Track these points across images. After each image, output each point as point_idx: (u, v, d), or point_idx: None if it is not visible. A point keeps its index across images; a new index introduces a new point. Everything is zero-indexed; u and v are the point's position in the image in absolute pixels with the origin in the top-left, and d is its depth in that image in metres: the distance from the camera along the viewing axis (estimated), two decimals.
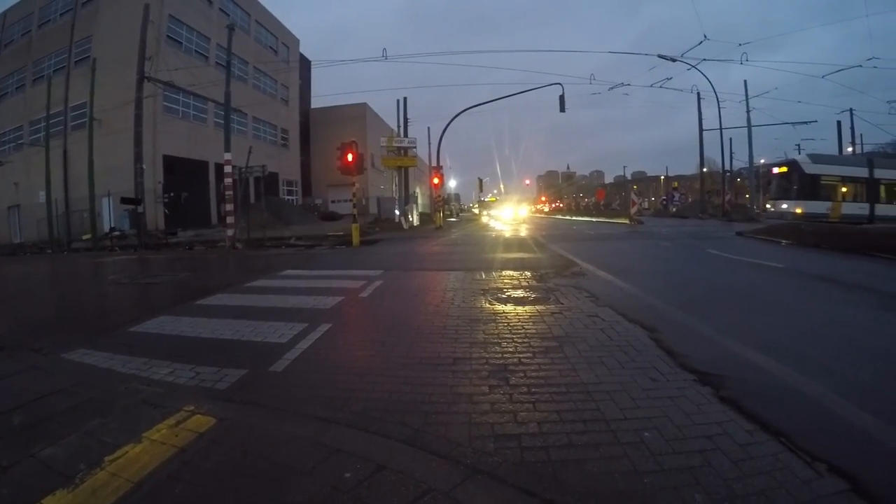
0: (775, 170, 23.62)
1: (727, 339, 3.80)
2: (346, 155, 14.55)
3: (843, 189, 21.90)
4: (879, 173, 21.79)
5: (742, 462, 1.99)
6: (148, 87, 18.04)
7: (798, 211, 20.91)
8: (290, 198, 37.64)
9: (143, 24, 17.52)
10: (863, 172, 21.98)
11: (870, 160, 22.86)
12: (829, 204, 21.14)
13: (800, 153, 27.90)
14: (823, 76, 23.00)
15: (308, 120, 44.12)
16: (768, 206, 24.72)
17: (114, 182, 20.11)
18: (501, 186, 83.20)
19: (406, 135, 27.82)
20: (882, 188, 22.03)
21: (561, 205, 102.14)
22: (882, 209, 21.34)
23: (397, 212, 27.41)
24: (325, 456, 2.06)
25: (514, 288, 6.23)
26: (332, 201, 42.07)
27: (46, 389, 2.92)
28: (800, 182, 21.33)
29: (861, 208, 21.52)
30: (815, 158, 22.37)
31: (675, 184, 57.90)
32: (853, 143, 33.50)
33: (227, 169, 16.39)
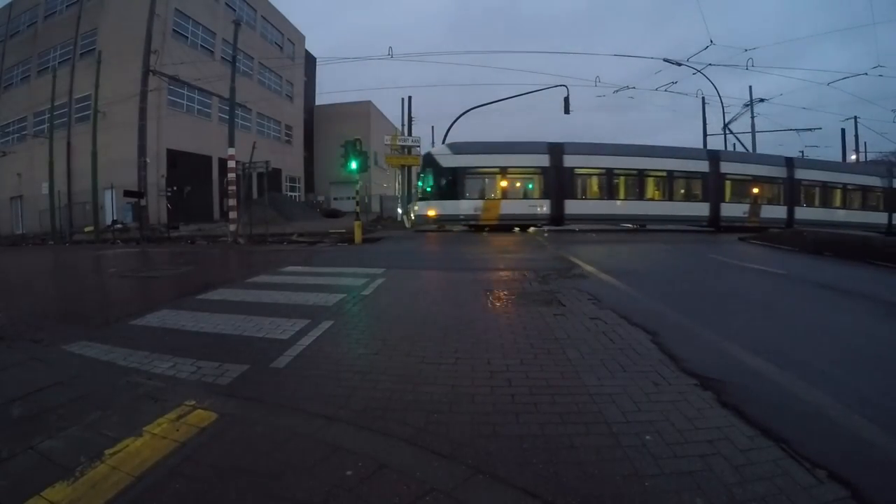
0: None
1: (729, 344, 3.79)
2: (350, 152, 14.56)
3: (503, 184, 18.35)
4: (571, 161, 18.28)
5: (743, 467, 1.99)
6: (153, 80, 18.10)
7: (430, 213, 17.69)
8: (292, 194, 37.62)
9: (149, 18, 17.58)
10: (541, 161, 18.19)
11: (553, 146, 18.69)
12: (478, 203, 17.93)
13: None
14: (829, 83, 22.91)
15: (312, 117, 44.11)
16: (416, 208, 20.32)
17: (117, 175, 20.14)
18: None
19: (410, 133, 27.80)
20: (579, 181, 18.91)
21: None
22: (574, 206, 18.46)
23: (400, 210, 27.40)
24: (326, 453, 2.06)
25: (516, 289, 6.22)
26: (335, 198, 42.05)
27: (46, 381, 2.92)
28: (436, 177, 17.75)
29: (533, 206, 18.17)
30: (459, 148, 18.51)
31: None
32: (857, 151, 33.45)
33: (231, 164, 16.41)
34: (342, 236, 16.06)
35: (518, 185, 18.84)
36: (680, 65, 21.63)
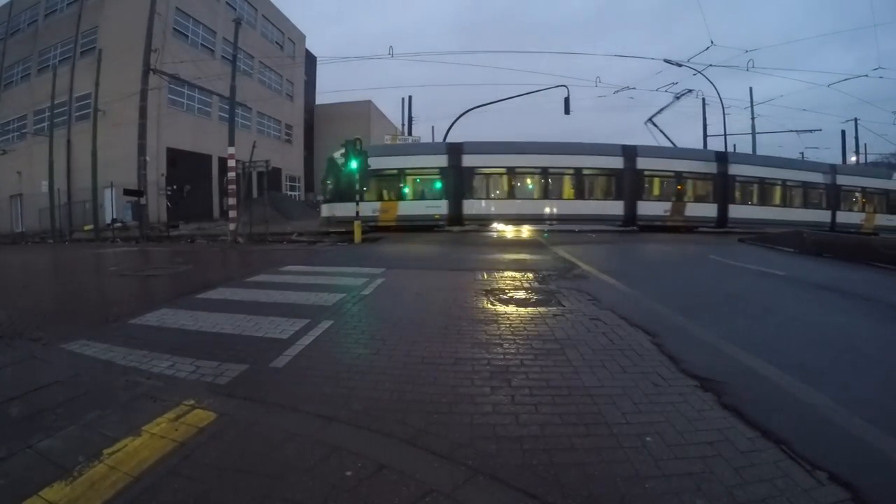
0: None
1: (729, 345, 3.78)
2: (350, 152, 14.57)
3: (400, 185, 18.39)
4: (470, 160, 18.10)
5: (743, 469, 1.99)
6: (153, 79, 18.04)
7: (332, 215, 17.66)
8: (292, 193, 37.62)
9: (150, 16, 17.53)
10: (439, 161, 18.12)
11: (451, 146, 18.55)
12: (376, 205, 17.92)
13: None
14: (829, 85, 22.91)
15: (312, 116, 44.10)
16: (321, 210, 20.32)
17: (117, 173, 20.11)
18: None
19: (410, 133, 27.84)
20: (478, 181, 18.77)
21: None
22: (473, 207, 18.29)
23: None
24: (325, 454, 2.05)
25: (516, 289, 6.21)
26: None
27: (45, 380, 2.91)
28: (338, 181, 17.80)
29: (431, 207, 18.11)
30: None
31: None
32: (857, 153, 33.53)
33: (231, 163, 16.42)
34: (342, 236, 16.05)
35: (416, 186, 18.67)
36: (680, 66, 21.65)
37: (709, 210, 19.61)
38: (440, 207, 18.10)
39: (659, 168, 19.43)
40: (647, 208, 19.14)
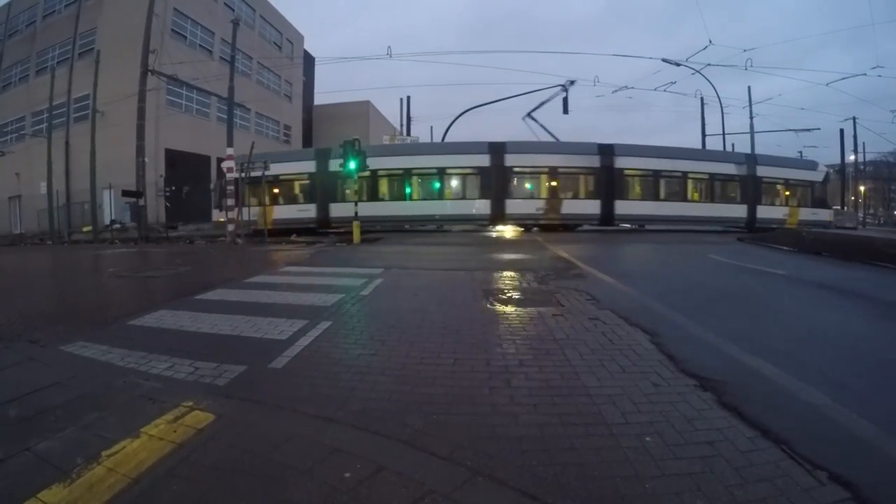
0: None
1: (728, 344, 3.78)
2: (348, 152, 14.56)
3: (275, 190, 19.19)
4: (337, 165, 17.31)
5: (743, 469, 1.98)
6: (151, 80, 18.03)
7: (220, 220, 18.00)
8: None
9: (148, 17, 17.51)
10: (308, 167, 18.89)
11: (320, 152, 19.06)
12: (255, 210, 18.25)
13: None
14: (828, 84, 22.91)
15: (311, 116, 44.07)
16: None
17: (115, 174, 20.08)
18: None
19: (409, 133, 27.85)
20: (344, 185, 18.15)
21: None
22: (339, 210, 18.18)
23: None
24: (324, 455, 2.04)
25: (515, 289, 6.21)
26: None
27: (43, 382, 2.90)
28: (224, 188, 17.73)
29: (302, 211, 18.85)
30: (243, 160, 18.27)
31: None
32: (856, 151, 33.61)
33: (230, 164, 16.39)
34: (341, 236, 16.05)
35: (288, 190, 19.13)
36: (679, 65, 21.72)
37: (590, 207, 18.89)
38: (310, 211, 18.43)
39: (531, 164, 19.05)
40: (517, 207, 18.76)
